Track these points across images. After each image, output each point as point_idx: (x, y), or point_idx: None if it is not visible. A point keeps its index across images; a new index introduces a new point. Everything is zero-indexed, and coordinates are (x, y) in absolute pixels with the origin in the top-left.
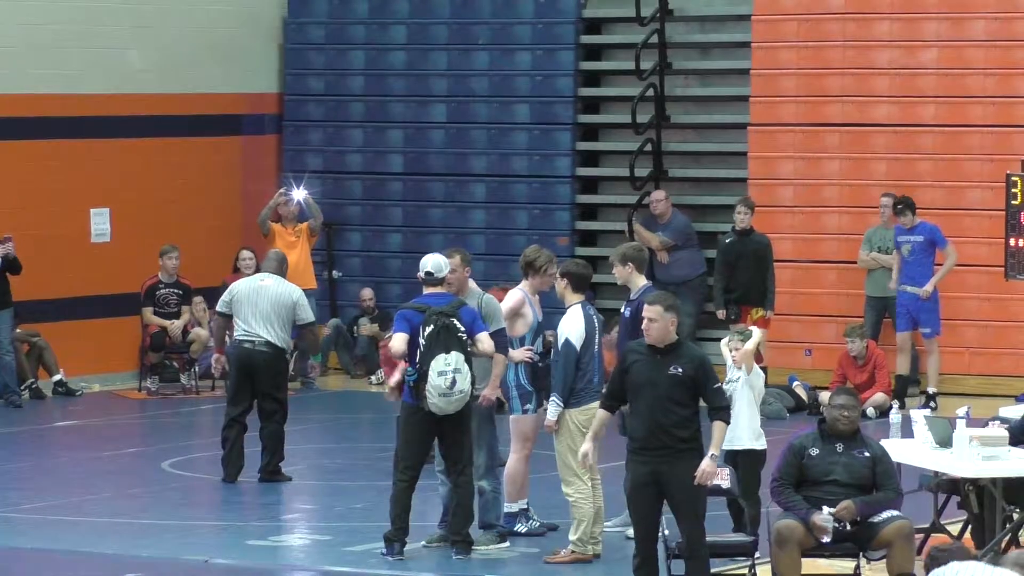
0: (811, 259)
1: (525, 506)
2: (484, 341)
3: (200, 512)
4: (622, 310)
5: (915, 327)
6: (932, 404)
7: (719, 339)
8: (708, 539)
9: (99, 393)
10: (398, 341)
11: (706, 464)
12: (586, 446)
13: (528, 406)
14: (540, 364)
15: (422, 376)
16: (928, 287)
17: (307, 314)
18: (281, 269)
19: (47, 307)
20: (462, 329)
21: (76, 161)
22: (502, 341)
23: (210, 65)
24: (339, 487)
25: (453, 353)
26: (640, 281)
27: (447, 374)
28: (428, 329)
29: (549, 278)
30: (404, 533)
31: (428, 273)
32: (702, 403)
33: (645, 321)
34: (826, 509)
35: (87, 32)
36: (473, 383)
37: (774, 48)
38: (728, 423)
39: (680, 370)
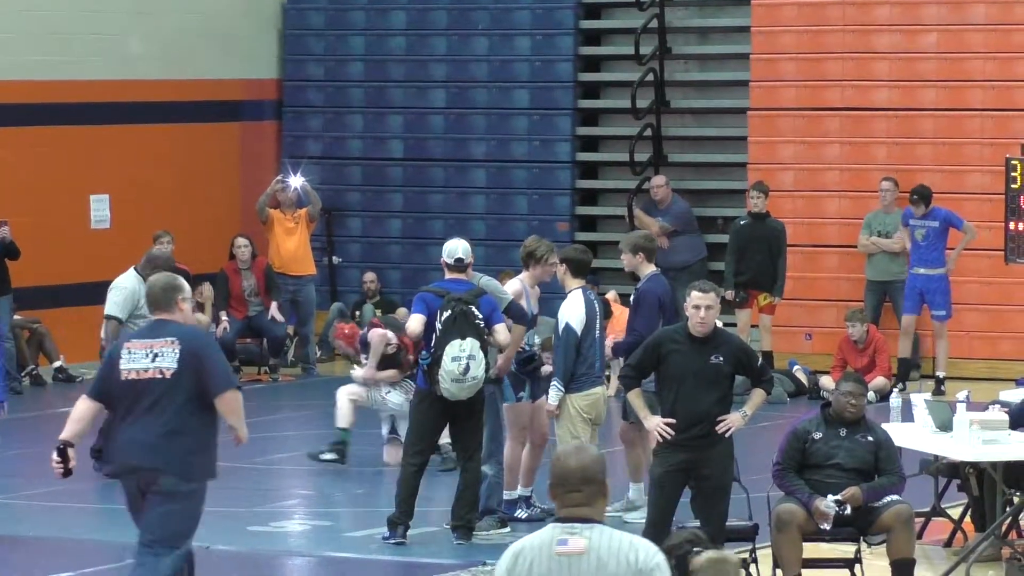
0: (811, 243)
1: (528, 493)
2: (501, 332)
3: None
4: (632, 297)
5: (920, 311)
6: (942, 389)
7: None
8: None
9: None
10: (415, 322)
11: (736, 416)
12: (653, 421)
13: (522, 393)
14: (536, 357)
15: (436, 361)
16: (951, 264)
17: (106, 305)
18: (149, 269)
19: (47, 293)
20: (480, 316)
21: (76, 147)
22: (519, 309)
23: (209, 51)
24: (339, 472)
25: (468, 339)
26: (647, 269)
27: (461, 360)
28: (445, 314)
29: (550, 268)
30: (408, 517)
31: (458, 259)
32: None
33: (703, 310)
34: (831, 497)
35: (87, 19)
36: (487, 371)
37: (774, 32)
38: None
39: (721, 359)
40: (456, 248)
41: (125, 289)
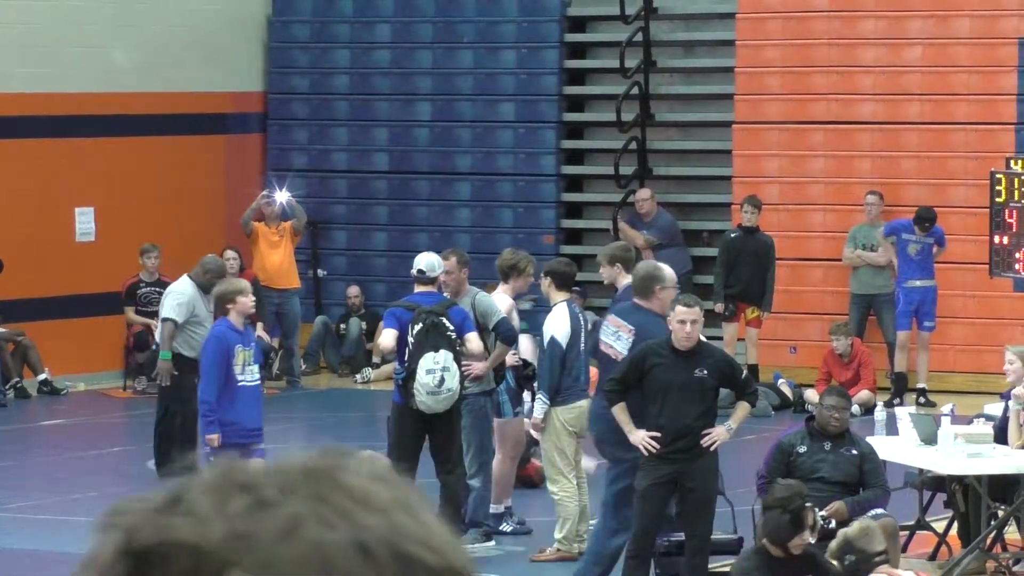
0: (796, 257)
1: (509, 504)
2: (473, 341)
3: None
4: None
5: (911, 326)
6: (922, 399)
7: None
8: None
9: (84, 392)
10: (387, 338)
11: (721, 430)
12: (638, 435)
13: (519, 408)
14: (525, 371)
15: (410, 374)
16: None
17: (163, 309)
18: (202, 275)
19: (32, 306)
20: (451, 328)
21: (61, 160)
22: (508, 328)
23: (195, 64)
24: None
25: (442, 352)
26: (625, 279)
27: (435, 372)
28: (417, 327)
29: (530, 278)
30: None
31: (420, 271)
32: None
33: (688, 325)
34: (817, 511)
35: (71, 31)
36: (462, 382)
37: (759, 46)
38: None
39: (705, 372)
40: (419, 260)
41: (183, 294)
